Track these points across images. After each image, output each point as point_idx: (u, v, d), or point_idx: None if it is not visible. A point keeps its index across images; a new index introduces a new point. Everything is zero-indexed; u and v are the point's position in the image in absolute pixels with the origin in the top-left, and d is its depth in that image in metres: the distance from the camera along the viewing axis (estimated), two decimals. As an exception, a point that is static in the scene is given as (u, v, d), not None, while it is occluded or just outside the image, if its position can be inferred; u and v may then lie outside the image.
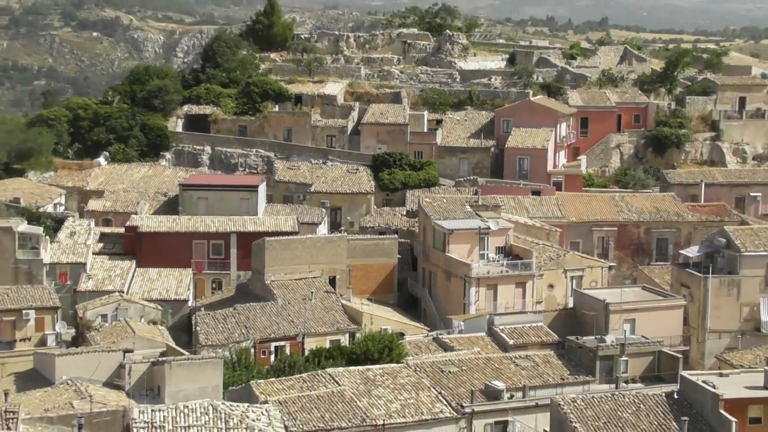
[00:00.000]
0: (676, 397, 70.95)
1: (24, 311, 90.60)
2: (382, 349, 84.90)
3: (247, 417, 67.62)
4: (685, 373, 75.98)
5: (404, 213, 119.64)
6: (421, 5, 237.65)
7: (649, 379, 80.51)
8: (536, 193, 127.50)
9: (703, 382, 71.36)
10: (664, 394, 71.64)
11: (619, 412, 68.76)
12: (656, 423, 67.69)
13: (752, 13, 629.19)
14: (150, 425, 64.09)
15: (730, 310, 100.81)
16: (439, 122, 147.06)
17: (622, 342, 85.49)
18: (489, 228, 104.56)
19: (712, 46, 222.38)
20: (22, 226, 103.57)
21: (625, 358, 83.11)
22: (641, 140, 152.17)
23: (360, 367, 79.06)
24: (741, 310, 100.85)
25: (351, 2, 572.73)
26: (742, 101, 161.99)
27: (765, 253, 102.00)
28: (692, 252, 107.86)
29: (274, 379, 77.34)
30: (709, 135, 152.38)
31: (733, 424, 66.08)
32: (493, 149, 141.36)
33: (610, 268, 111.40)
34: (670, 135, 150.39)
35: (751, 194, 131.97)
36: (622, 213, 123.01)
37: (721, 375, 76.60)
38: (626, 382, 80.00)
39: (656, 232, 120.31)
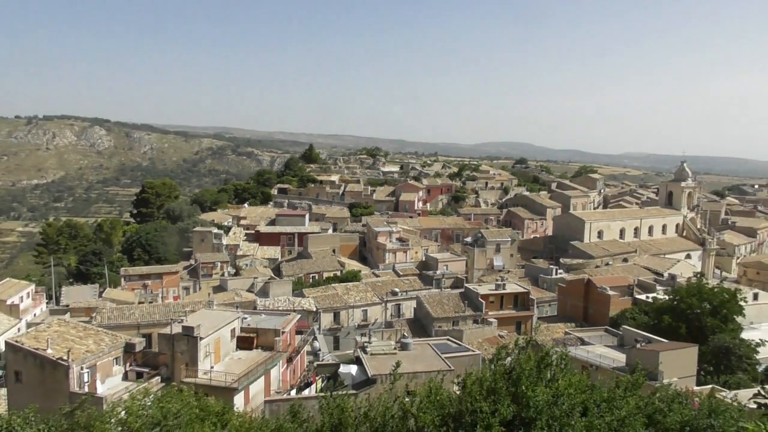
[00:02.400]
0: (464, 294, 71.22)
1: (215, 262, 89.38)
2: (353, 277, 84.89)
3: (301, 302, 66.94)
4: (467, 285, 76.17)
5: (362, 224, 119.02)
6: (367, 146, 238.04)
7: (454, 287, 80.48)
8: (411, 217, 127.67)
9: (472, 288, 71.65)
10: (458, 293, 71.66)
11: (443, 300, 68.76)
12: (455, 303, 67.82)
13: (491, 150, 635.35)
14: (264, 306, 63.33)
15: (483, 261, 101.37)
16: (374, 191, 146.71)
17: (444, 273, 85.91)
18: (392, 230, 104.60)
19: (475, 162, 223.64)
20: (215, 230, 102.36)
21: (444, 279, 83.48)
22: (450, 198, 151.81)
23: (344, 283, 78.94)
24: (486, 260, 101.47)
25: (340, 144, 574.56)
26: (487, 183, 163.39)
27: (493, 240, 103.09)
28: (469, 239, 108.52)
29: (311, 288, 76.85)
30: (474, 196, 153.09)
31: (483, 303, 66.36)
32: (394, 200, 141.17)
33: (438, 245, 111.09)
34: (461, 195, 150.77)
35: (490, 218, 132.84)
36: (443, 224, 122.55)
37: (479, 285, 76.92)
38: (445, 288, 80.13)
39: (456, 231, 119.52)
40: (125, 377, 40.26)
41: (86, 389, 36.01)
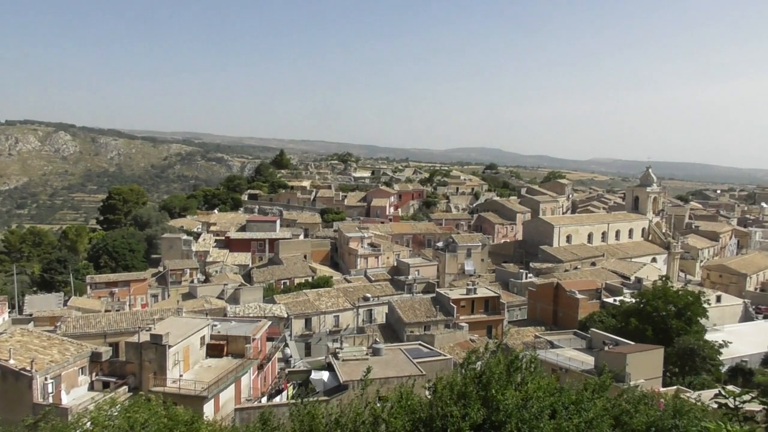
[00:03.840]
0: (435, 298, 71.44)
1: (184, 269, 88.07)
2: (324, 282, 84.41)
3: (272, 309, 66.44)
4: (439, 290, 76.52)
5: (334, 230, 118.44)
6: (339, 152, 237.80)
7: (425, 292, 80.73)
8: (382, 222, 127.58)
9: (444, 293, 71.93)
10: (430, 298, 71.92)
11: (414, 305, 68.91)
12: (427, 308, 68.02)
13: (462, 155, 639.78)
14: (234, 313, 62.64)
15: (454, 266, 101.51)
16: (345, 196, 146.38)
17: (415, 278, 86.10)
18: (364, 236, 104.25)
19: (446, 168, 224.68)
20: (184, 237, 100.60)
21: (416, 284, 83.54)
22: (421, 203, 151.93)
23: (315, 289, 78.32)
24: (458, 265, 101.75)
25: (311, 149, 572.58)
26: (458, 188, 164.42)
27: (464, 244, 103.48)
28: (440, 244, 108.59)
29: (282, 294, 76.22)
30: (446, 201, 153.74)
31: (455, 308, 66.69)
32: (366, 206, 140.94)
33: (410, 251, 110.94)
34: (433, 201, 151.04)
35: (461, 223, 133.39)
36: (414, 229, 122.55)
37: (451, 289, 77.28)
38: (416, 293, 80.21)
39: (427, 236, 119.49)
40: (91, 387, 39.42)
41: (50, 400, 35.16)
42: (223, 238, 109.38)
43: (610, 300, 71.58)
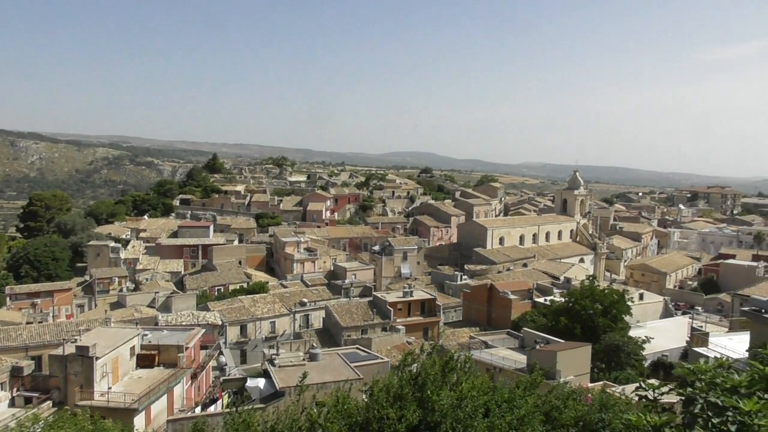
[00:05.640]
0: (372, 302, 71.53)
1: (112, 278, 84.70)
2: (260, 288, 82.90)
3: (206, 316, 64.92)
4: (375, 293, 76.58)
5: (269, 235, 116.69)
6: (273, 156, 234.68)
7: (362, 296, 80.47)
8: (318, 226, 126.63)
9: (381, 296, 72.09)
10: (367, 302, 71.91)
11: (351, 309, 68.80)
12: (364, 311, 68.09)
13: (397, 159, 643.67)
14: (166, 321, 60.81)
15: (390, 269, 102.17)
16: (280, 201, 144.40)
17: (352, 282, 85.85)
18: (300, 240, 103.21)
19: (382, 172, 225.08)
20: (112, 244, 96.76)
21: (353, 288, 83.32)
22: (357, 207, 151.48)
23: (250, 295, 76.90)
24: (394, 268, 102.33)
25: (245, 153, 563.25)
26: (393, 192, 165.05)
27: (400, 248, 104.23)
28: (376, 248, 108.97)
29: (216, 301, 74.50)
30: (382, 205, 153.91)
31: (392, 311, 66.97)
32: (302, 210, 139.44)
33: (347, 255, 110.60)
34: (369, 205, 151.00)
35: (397, 226, 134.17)
36: (350, 233, 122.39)
37: (387, 293, 77.51)
38: (353, 297, 79.97)
39: (363, 240, 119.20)
40: (12, 403, 37.44)
41: (-35, 419, 33.10)
42: (154, 244, 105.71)
43: (541, 300, 73.67)
